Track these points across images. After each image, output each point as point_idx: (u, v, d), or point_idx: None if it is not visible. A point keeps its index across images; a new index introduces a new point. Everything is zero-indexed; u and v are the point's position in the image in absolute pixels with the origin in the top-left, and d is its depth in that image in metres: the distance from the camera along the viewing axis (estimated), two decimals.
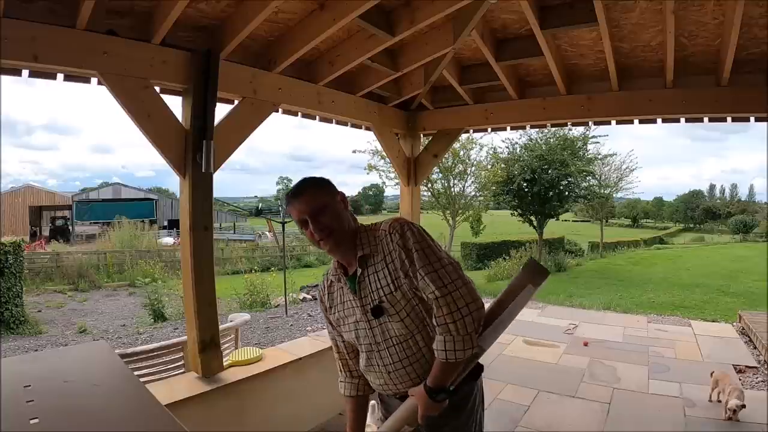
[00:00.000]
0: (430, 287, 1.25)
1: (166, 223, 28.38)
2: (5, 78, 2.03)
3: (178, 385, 2.47)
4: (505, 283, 1.29)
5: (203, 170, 2.36)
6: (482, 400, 1.48)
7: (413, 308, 1.32)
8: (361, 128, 3.90)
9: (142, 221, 21.31)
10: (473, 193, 15.85)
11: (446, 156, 12.93)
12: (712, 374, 3.53)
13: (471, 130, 4.37)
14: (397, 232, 1.31)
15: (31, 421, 1.10)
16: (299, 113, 3.22)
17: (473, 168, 15.06)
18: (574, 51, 3.15)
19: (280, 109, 2.96)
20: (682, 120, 3.30)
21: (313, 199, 1.34)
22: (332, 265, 1.48)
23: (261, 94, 2.70)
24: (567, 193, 16.32)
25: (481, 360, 1.39)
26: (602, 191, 18.94)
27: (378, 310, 1.33)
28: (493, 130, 4.35)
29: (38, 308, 10.76)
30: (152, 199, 30.61)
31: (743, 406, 3.06)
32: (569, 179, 15.75)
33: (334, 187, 1.41)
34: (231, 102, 2.66)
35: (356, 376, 1.53)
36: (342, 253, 1.39)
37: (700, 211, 53.71)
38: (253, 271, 12.18)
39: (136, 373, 2.24)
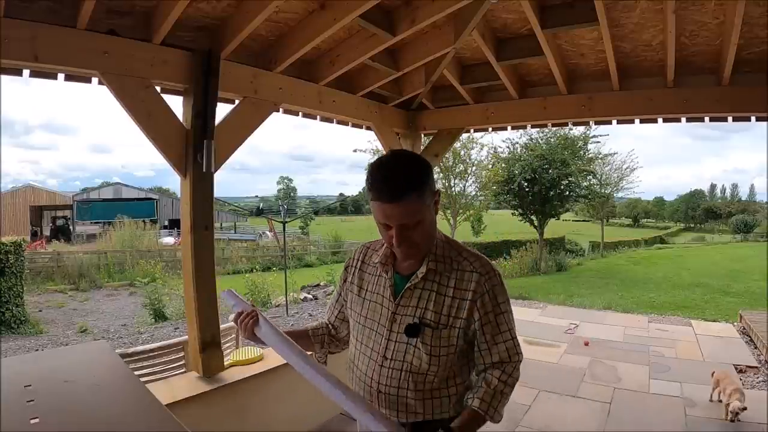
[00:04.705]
0: (502, 354, 1.22)
1: (166, 223, 28.41)
2: (4, 78, 2.03)
3: (178, 385, 2.47)
4: (507, 283, 1.29)
5: (204, 170, 2.36)
6: None
7: (448, 354, 1.19)
8: (361, 128, 3.89)
9: (143, 221, 21.28)
10: (474, 193, 15.84)
11: (447, 156, 12.93)
12: (713, 374, 3.53)
13: (472, 130, 4.36)
14: (492, 280, 1.19)
15: (32, 421, 1.10)
16: (300, 113, 3.22)
17: (474, 168, 15.06)
18: (574, 50, 3.15)
19: (280, 109, 2.95)
20: (683, 119, 3.29)
21: (408, 212, 1.10)
22: (381, 245, 1.28)
23: (262, 94, 2.69)
24: (568, 192, 16.31)
25: None
26: (603, 191, 18.96)
27: (414, 328, 1.17)
28: (493, 129, 4.34)
29: (39, 308, 10.79)
30: (153, 199, 30.60)
31: (744, 408, 3.06)
32: (570, 179, 15.74)
33: (433, 182, 1.17)
34: (232, 102, 2.66)
35: (330, 334, 1.41)
36: (411, 259, 1.22)
37: (701, 211, 53.62)
38: (253, 271, 12.24)
39: (136, 372, 2.24)
